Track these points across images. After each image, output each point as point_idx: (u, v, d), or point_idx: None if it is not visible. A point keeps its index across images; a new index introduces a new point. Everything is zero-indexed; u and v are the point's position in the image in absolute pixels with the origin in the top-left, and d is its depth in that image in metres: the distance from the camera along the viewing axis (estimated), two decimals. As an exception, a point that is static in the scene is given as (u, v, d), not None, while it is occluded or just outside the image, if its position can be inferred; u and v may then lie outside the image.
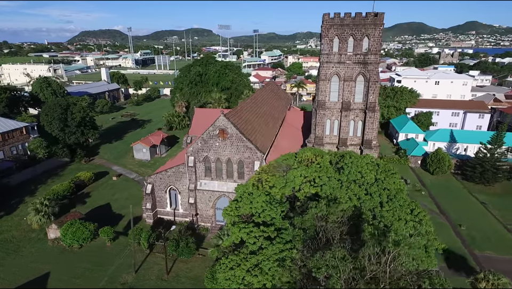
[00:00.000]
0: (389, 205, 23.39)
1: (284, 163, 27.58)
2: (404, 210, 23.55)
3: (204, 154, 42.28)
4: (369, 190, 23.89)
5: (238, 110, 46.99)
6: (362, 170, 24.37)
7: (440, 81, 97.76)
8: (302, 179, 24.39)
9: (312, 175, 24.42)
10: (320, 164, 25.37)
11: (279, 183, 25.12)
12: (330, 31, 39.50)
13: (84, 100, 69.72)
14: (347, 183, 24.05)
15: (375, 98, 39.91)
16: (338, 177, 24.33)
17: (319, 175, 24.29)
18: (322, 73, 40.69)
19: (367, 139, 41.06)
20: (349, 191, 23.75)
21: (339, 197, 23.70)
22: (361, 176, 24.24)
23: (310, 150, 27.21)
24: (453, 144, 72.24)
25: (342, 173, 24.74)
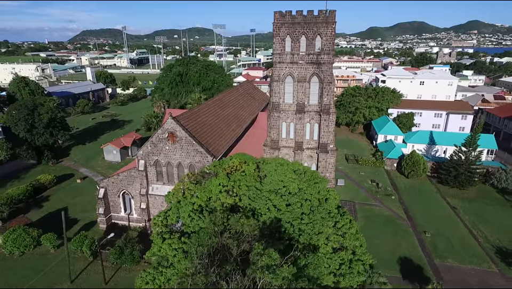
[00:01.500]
0: (309, 217, 21.75)
1: (213, 170, 26.04)
2: (325, 223, 21.90)
3: (155, 158, 40.80)
4: (289, 200, 22.25)
5: (195, 111, 45.49)
6: (285, 179, 22.74)
7: (425, 81, 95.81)
8: (220, 188, 22.81)
9: (231, 184, 22.83)
10: (245, 172, 23.77)
11: (200, 192, 23.59)
12: (282, 30, 37.89)
13: (51, 101, 68.40)
14: (268, 193, 22.43)
15: (330, 100, 38.27)
16: (260, 187, 22.72)
17: (239, 184, 22.71)
18: (275, 74, 39.08)
19: (322, 143, 39.38)
20: (268, 201, 22.14)
21: (258, 208, 22.12)
22: (283, 186, 22.61)
23: (239, 157, 25.59)
24: (432, 146, 70.44)
25: (264, 181, 23.13)
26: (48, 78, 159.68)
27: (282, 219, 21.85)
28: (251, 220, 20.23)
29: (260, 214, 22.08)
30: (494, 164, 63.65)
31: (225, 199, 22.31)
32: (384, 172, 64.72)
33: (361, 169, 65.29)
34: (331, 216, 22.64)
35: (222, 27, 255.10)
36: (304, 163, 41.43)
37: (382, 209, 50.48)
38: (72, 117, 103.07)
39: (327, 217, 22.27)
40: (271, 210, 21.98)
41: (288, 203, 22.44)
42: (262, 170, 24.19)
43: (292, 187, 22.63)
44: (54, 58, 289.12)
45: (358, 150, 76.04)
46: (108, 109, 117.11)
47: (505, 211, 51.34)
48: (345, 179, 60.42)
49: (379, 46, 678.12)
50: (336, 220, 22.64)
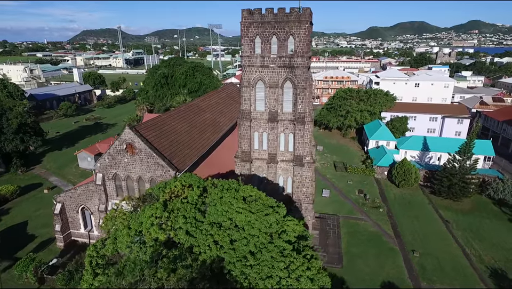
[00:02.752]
0: (256, 258, 17.97)
1: (156, 193, 22.31)
2: (276, 264, 18.11)
3: (113, 171, 37.02)
4: (234, 236, 18.47)
5: (162, 118, 41.72)
6: (231, 209, 18.98)
7: (420, 83, 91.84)
8: (152, 220, 19.11)
9: (165, 215, 19.10)
10: (188, 198, 20.06)
11: (133, 223, 19.87)
12: (251, 30, 34.03)
13: (21, 105, 64.84)
14: (209, 226, 18.68)
15: (305, 107, 34.47)
16: (201, 218, 18.98)
17: (176, 215, 19.00)
18: (244, 79, 35.22)
19: (297, 155, 35.50)
20: (209, 237, 18.39)
21: (196, 244, 18.39)
22: (228, 218, 18.83)
23: (183, 179, 21.85)
24: (426, 152, 66.51)
25: (207, 212, 19.38)
26: (37, 79, 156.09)
27: (226, 259, 18.14)
28: (178, 272, 16.42)
29: (199, 252, 18.37)
30: (491, 173, 59.74)
31: (156, 234, 18.56)
32: (374, 181, 60.81)
33: (349, 178, 61.40)
34: (284, 255, 18.85)
35: (219, 27, 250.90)
36: (279, 176, 37.66)
37: (367, 224, 46.61)
38: (54, 120, 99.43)
39: (278, 257, 18.48)
40: (212, 247, 18.24)
41: (233, 239, 18.69)
42: (209, 196, 20.43)
43: (238, 219, 18.88)
44: (49, 59, 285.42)
45: (348, 156, 72.16)
46: (93, 111, 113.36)
47: (502, 226, 47.46)
48: (331, 189, 56.58)
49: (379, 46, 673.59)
50: (290, 260, 18.83)
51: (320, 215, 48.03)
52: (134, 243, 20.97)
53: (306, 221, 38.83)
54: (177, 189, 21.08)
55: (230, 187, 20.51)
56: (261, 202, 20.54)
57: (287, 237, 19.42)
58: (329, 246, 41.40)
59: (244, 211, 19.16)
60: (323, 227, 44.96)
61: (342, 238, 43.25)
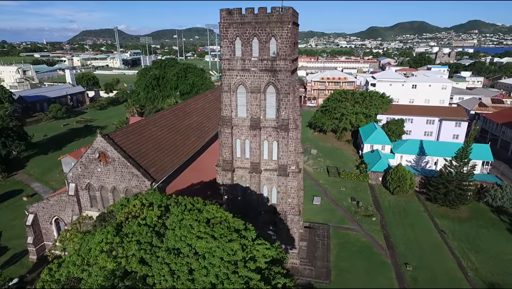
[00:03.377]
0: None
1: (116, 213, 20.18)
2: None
3: (86, 181, 34.88)
4: (193, 265, 16.31)
5: (142, 124, 39.59)
6: (190, 234, 16.82)
7: (417, 84, 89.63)
8: (102, 246, 17.01)
9: (117, 240, 16.97)
10: (146, 220, 17.93)
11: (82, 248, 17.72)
12: (230, 31, 31.89)
13: (2, 108, 62.81)
14: (165, 253, 16.55)
15: (289, 114, 32.32)
16: (157, 243, 16.84)
17: (130, 239, 16.87)
18: (224, 83, 33.07)
19: (281, 164, 33.33)
20: (164, 266, 16.26)
21: (151, 274, 16.26)
22: (187, 244, 16.68)
23: (145, 196, 19.70)
24: (422, 157, 64.32)
25: (165, 236, 17.22)
26: (30, 80, 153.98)
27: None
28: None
29: (153, 283, 16.24)
30: (489, 178, 57.55)
31: (104, 262, 16.43)
32: (367, 187, 58.63)
33: (343, 184, 59.22)
34: (250, 287, 16.69)
35: (217, 28, 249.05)
36: (263, 186, 35.52)
37: (359, 234, 44.43)
38: (43, 122, 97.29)
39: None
40: (168, 278, 16.12)
41: (192, 269, 16.57)
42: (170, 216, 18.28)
43: (198, 245, 16.75)
44: (45, 60, 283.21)
45: (343, 161, 69.99)
46: (84, 113, 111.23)
47: (500, 235, 45.29)
48: (322, 196, 54.42)
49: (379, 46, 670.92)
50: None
51: (309, 225, 45.88)
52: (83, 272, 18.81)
53: (292, 233, 36.73)
54: (136, 208, 18.96)
55: (193, 208, 18.39)
56: (226, 225, 18.38)
57: (254, 265, 17.26)
58: (317, 259, 39.24)
59: (205, 236, 17.04)
60: (312, 238, 42.79)
61: (332, 249, 41.08)
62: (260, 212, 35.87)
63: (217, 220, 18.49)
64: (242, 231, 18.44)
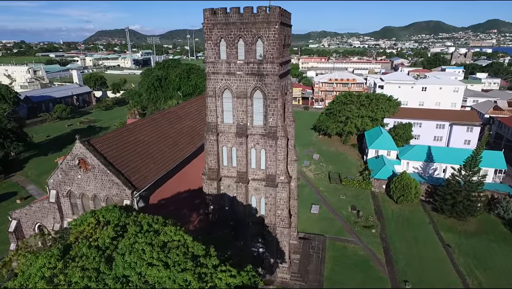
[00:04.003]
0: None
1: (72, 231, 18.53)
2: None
3: (67, 188, 33.61)
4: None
5: (128, 129, 38.13)
6: (140, 261, 14.97)
7: (427, 87, 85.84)
8: (44, 271, 15.32)
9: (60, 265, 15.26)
10: (99, 241, 16.19)
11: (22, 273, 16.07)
12: (214, 32, 29.99)
13: (0, 109, 62.79)
14: (112, 282, 14.76)
15: (277, 120, 30.23)
16: (105, 270, 15.07)
17: (76, 264, 15.15)
18: (209, 88, 31.17)
19: (269, 174, 31.19)
20: (110, 296, 14.53)
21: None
22: (136, 272, 14.81)
23: (104, 213, 18.01)
24: (430, 164, 61.02)
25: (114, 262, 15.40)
26: (40, 80, 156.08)
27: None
28: None
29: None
30: (502, 188, 53.96)
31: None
32: (370, 195, 55.85)
33: (344, 191, 56.61)
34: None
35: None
36: (251, 197, 33.53)
37: (357, 247, 41.89)
38: (48, 123, 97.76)
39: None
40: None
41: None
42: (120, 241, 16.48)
43: (149, 274, 14.92)
44: (59, 59, 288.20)
45: (346, 166, 67.27)
46: (89, 114, 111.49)
47: (511, 251, 41.97)
48: (321, 204, 52.01)
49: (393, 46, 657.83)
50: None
51: (305, 235, 43.62)
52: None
53: (282, 247, 34.60)
54: (91, 226, 17.27)
55: (150, 229, 16.59)
56: (184, 250, 16.47)
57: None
58: (309, 273, 37.00)
59: (157, 263, 15.22)
60: (306, 251, 40.51)
61: (326, 263, 38.74)
62: (247, 223, 33.89)
63: (174, 244, 16.61)
64: (201, 257, 16.50)
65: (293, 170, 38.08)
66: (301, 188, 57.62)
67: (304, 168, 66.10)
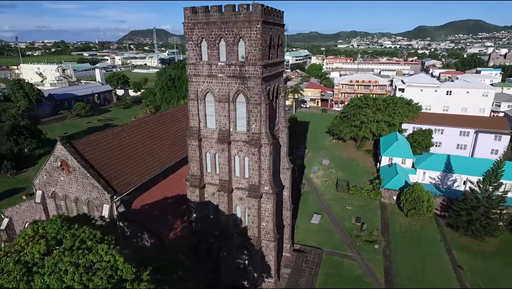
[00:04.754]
0: None
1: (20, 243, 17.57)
2: None
3: (52, 189, 33.39)
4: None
5: (117, 130, 37.55)
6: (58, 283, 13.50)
7: (453, 91, 79.76)
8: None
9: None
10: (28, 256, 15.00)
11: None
12: (195, 32, 28.31)
13: (15, 107, 65.00)
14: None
15: (260, 126, 28.06)
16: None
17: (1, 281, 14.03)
18: (191, 91, 29.57)
19: (252, 184, 29.08)
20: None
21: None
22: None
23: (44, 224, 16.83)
24: (449, 174, 56.18)
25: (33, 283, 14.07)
26: (68, 78, 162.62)
27: None
28: None
29: None
30: (528, 206, 48.39)
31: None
32: (378, 207, 52.17)
33: (350, 201, 53.30)
34: None
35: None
36: (236, 207, 31.64)
37: (355, 264, 38.81)
38: (68, 120, 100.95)
39: None
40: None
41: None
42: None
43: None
44: (89, 58, 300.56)
45: (357, 174, 63.65)
46: (108, 112, 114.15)
47: (534, 279, 37.18)
48: (323, 215, 49.12)
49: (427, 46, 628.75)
50: None
51: (300, 248, 41.12)
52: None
53: (268, 260, 32.47)
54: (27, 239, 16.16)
55: (82, 246, 15.20)
56: (111, 273, 14.90)
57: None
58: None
59: (78, 287, 13.80)
60: (298, 265, 38.03)
61: (318, 280, 36.06)
62: (232, 234, 32.04)
63: (102, 265, 15.14)
64: (128, 283, 14.87)
65: (285, 179, 35.89)
66: (304, 195, 55.02)
67: (311, 174, 63.24)
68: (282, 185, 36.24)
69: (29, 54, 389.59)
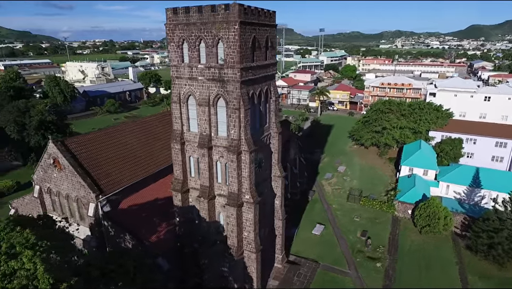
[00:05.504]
0: None
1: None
2: None
3: (47, 185, 34.63)
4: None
5: (109, 131, 38.12)
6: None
7: (491, 96, 72.23)
8: None
9: None
10: None
11: None
12: (176, 33, 27.47)
13: (42, 103, 69.12)
14: None
15: (239, 132, 26.62)
16: None
17: None
18: (173, 93, 28.84)
19: (231, 192, 27.67)
20: None
21: None
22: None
23: None
24: (476, 190, 50.84)
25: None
26: (106, 76, 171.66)
27: None
28: None
29: None
30: None
31: None
32: (390, 221, 48.44)
33: (360, 213, 50.07)
34: None
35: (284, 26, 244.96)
36: (219, 214, 30.56)
37: (350, 283, 36.05)
38: (99, 116, 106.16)
39: None
40: None
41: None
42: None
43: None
44: (130, 57, 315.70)
45: (373, 183, 59.84)
46: (137, 109, 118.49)
47: None
48: (327, 225, 46.53)
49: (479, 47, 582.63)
50: None
51: (295, 259, 39.12)
52: None
53: (250, 272, 31.08)
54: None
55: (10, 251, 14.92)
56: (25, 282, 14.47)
57: None
58: (285, 305, 32.75)
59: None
60: (289, 277, 36.13)
61: (308, 296, 33.96)
62: (214, 241, 31.06)
63: (22, 274, 14.79)
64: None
65: (277, 187, 34.31)
66: (311, 203, 52.64)
67: (324, 181, 60.50)
68: (274, 193, 34.63)
69: (79, 53, 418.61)
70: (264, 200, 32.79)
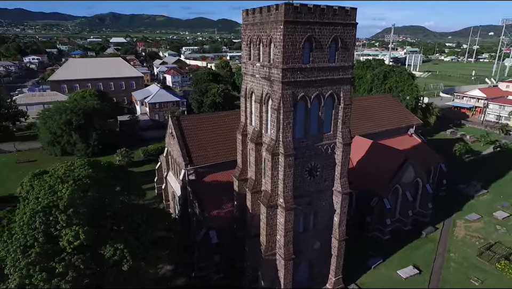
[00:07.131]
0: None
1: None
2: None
3: (169, 149, 45.21)
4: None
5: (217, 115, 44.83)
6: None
7: None
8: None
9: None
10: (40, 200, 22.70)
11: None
12: (246, 33, 27.94)
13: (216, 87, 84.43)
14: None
15: (277, 134, 24.82)
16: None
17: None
18: (242, 88, 30.32)
19: (265, 190, 26.39)
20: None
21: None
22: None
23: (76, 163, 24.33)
24: None
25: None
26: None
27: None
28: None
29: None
30: None
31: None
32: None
33: (486, 277, 36.74)
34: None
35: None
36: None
37: None
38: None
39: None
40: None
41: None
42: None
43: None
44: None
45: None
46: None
47: None
48: (425, 272, 37.10)
49: None
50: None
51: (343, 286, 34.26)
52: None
53: (279, 276, 30.62)
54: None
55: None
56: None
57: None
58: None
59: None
60: (334, 305, 32.30)
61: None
62: (254, 234, 32.25)
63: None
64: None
65: (337, 203, 31.45)
66: (421, 241, 42.93)
67: (461, 221, 47.17)
68: (334, 209, 31.65)
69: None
70: (316, 211, 30.79)
